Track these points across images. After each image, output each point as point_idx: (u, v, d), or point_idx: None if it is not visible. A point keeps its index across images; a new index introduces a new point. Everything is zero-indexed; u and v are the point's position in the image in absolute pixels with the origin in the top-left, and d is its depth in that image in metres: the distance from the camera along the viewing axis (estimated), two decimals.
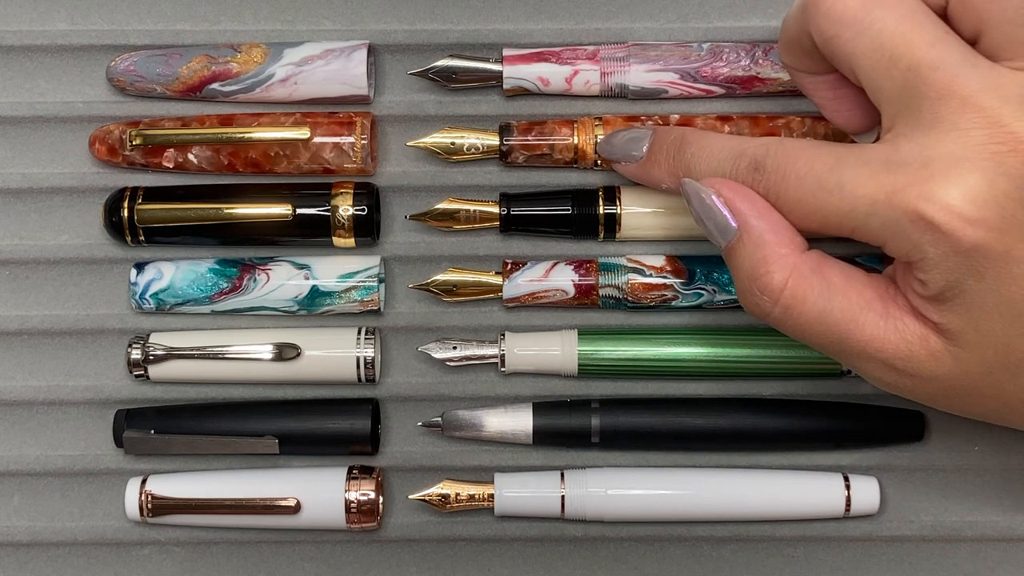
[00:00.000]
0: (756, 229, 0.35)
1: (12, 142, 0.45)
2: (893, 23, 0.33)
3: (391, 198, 0.44)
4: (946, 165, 0.32)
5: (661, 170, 0.39)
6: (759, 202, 0.35)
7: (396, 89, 0.44)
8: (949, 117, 0.32)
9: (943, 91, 0.32)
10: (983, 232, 0.31)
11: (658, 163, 0.39)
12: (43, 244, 0.44)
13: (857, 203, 0.33)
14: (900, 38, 0.33)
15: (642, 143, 0.40)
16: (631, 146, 0.40)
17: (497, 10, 0.44)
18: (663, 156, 0.39)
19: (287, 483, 0.43)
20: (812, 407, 0.43)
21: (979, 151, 0.32)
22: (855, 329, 0.34)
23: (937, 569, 0.44)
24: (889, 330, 0.34)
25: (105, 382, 0.44)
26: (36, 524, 0.44)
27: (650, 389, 0.44)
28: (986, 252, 0.32)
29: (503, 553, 0.44)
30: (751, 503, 0.43)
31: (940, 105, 0.32)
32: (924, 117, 0.33)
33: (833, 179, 0.33)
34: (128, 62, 0.44)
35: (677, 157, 0.38)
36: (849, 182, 0.33)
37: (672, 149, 0.39)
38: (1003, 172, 0.31)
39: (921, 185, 0.32)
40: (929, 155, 0.32)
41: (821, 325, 0.34)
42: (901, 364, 0.34)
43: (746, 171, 0.35)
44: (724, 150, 0.37)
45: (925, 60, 0.33)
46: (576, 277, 0.43)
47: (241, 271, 0.43)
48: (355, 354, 0.43)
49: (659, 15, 0.44)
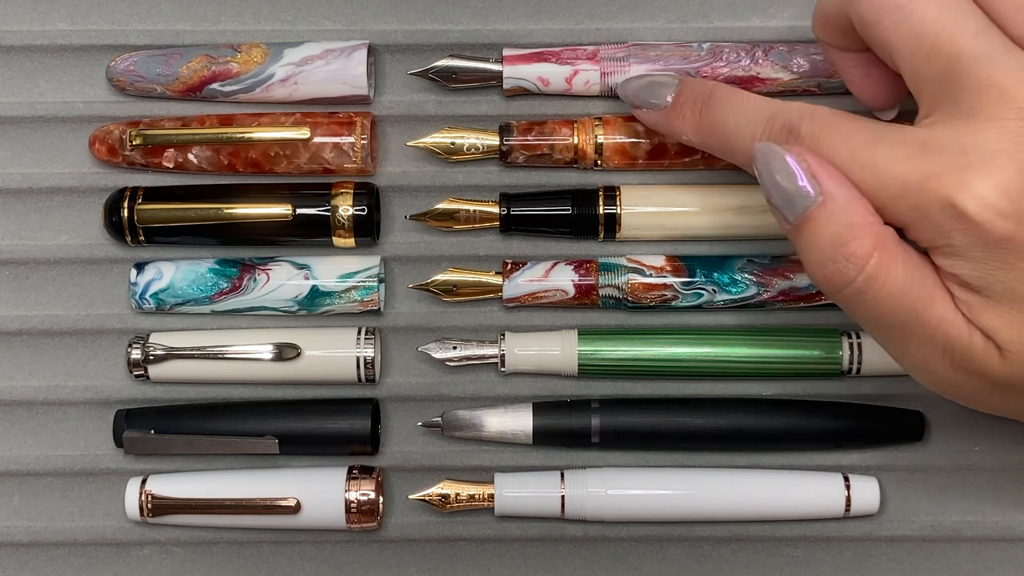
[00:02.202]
0: (843, 194, 0.33)
1: (12, 142, 0.45)
2: (936, 12, 0.33)
3: (391, 198, 0.44)
4: (982, 155, 0.32)
5: (685, 122, 0.38)
6: (837, 171, 0.34)
7: (396, 89, 0.44)
8: (988, 108, 0.32)
9: (983, 82, 0.32)
10: (1013, 225, 0.31)
11: (683, 114, 0.39)
12: (43, 244, 0.44)
13: (889, 182, 0.33)
14: (942, 28, 0.33)
15: (667, 91, 0.39)
16: (655, 92, 0.40)
17: (497, 10, 0.44)
18: (689, 108, 0.38)
19: (287, 483, 0.43)
20: (812, 407, 0.43)
21: (1017, 143, 0.32)
22: (930, 309, 0.33)
23: (937, 569, 0.44)
24: (958, 316, 0.33)
25: (105, 382, 0.44)
26: (36, 524, 0.44)
27: (650, 389, 0.44)
28: (1015, 245, 0.32)
29: (503, 553, 0.44)
30: (751, 503, 0.43)
31: (980, 96, 0.32)
32: (963, 106, 0.32)
33: (867, 154, 0.33)
34: (128, 62, 0.44)
35: (705, 111, 0.38)
36: (883, 160, 0.33)
37: (700, 102, 0.38)
38: None
39: (956, 173, 0.32)
40: (966, 144, 0.32)
41: (901, 300, 0.33)
42: (960, 354, 0.33)
43: (779, 134, 0.35)
44: (757, 109, 0.36)
45: (967, 50, 0.32)
46: (576, 277, 0.43)
47: (241, 271, 0.43)
48: (355, 354, 0.43)
49: (659, 15, 0.44)
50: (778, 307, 0.43)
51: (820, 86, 0.43)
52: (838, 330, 0.43)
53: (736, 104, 0.37)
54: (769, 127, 0.35)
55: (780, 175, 0.34)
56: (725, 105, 0.37)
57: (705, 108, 0.38)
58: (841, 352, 0.43)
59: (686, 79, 0.40)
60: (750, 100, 0.37)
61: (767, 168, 0.34)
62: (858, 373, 0.43)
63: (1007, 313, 0.32)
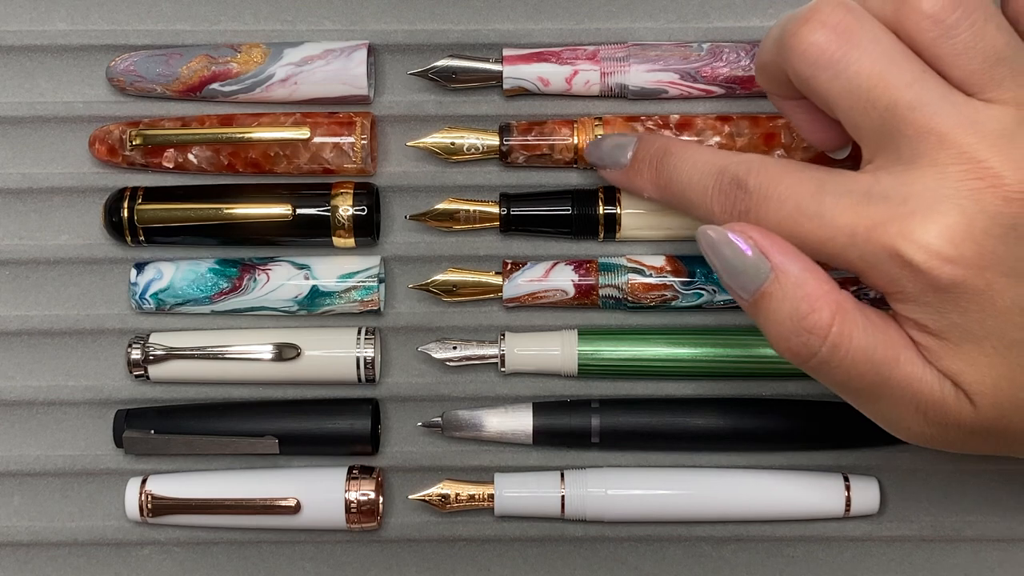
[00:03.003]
0: (794, 266, 0.33)
1: (12, 142, 0.45)
2: (869, 64, 0.33)
3: (391, 198, 0.44)
4: (925, 202, 0.32)
5: (643, 179, 0.39)
6: (786, 243, 0.34)
7: (396, 89, 0.44)
8: (928, 154, 0.32)
9: (921, 129, 0.32)
10: (961, 270, 0.31)
11: (640, 172, 0.39)
12: (43, 244, 0.44)
13: (836, 232, 0.33)
14: (877, 79, 0.33)
15: (627, 150, 0.40)
16: (616, 153, 0.40)
17: (497, 10, 0.44)
18: (646, 165, 0.39)
19: (287, 483, 0.43)
20: (812, 407, 0.43)
21: (957, 188, 0.32)
22: (896, 368, 0.33)
23: (937, 569, 0.44)
24: (927, 370, 0.33)
25: (105, 382, 0.44)
26: (36, 524, 0.44)
27: (650, 389, 0.44)
28: (965, 288, 0.32)
29: (503, 553, 0.44)
30: (751, 503, 0.43)
31: (918, 143, 0.32)
32: (903, 153, 0.33)
33: (814, 206, 0.33)
34: (128, 62, 0.44)
35: (659, 167, 0.38)
36: (829, 211, 0.33)
37: (655, 159, 0.38)
38: (981, 209, 0.31)
39: (900, 222, 0.32)
40: (908, 191, 0.32)
41: (866, 363, 0.33)
42: (932, 409, 0.33)
43: (728, 187, 0.35)
44: (706, 164, 0.36)
45: (903, 100, 0.32)
46: (576, 277, 0.43)
47: (241, 271, 0.43)
48: (355, 354, 0.43)
49: (659, 15, 0.44)
50: None
51: None
52: None
53: (687, 159, 0.37)
54: (719, 181, 0.35)
55: (729, 255, 0.34)
56: (678, 161, 0.37)
57: (660, 165, 0.38)
58: None
59: (644, 136, 0.40)
60: (701, 154, 0.37)
61: (714, 250, 0.34)
62: None
63: (967, 355, 0.33)
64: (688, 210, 0.37)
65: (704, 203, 0.36)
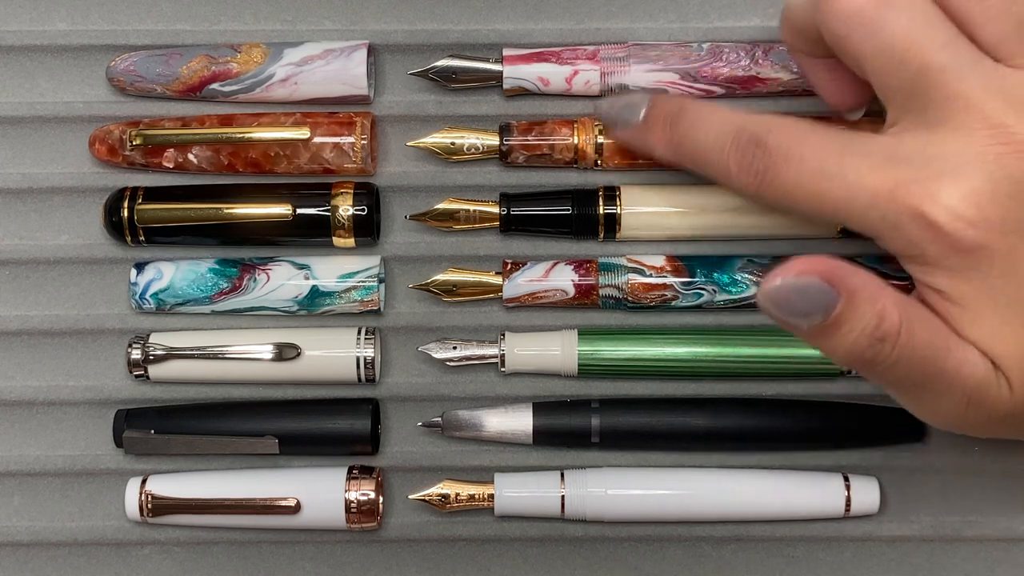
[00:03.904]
0: (864, 284, 0.32)
1: (12, 142, 0.45)
2: (904, 26, 0.33)
3: (391, 198, 0.44)
4: (950, 165, 0.32)
5: (656, 137, 0.39)
6: (840, 260, 0.32)
7: (396, 89, 0.44)
8: (954, 118, 0.32)
9: (950, 93, 0.32)
10: (984, 233, 0.31)
11: (653, 130, 0.39)
12: (43, 244, 0.44)
13: (859, 193, 0.33)
14: (911, 41, 0.33)
15: (640, 108, 0.39)
16: (628, 111, 0.40)
17: (497, 10, 0.44)
18: (660, 124, 0.39)
19: (287, 483, 0.43)
20: (812, 407, 0.43)
21: (983, 152, 0.32)
22: (949, 356, 0.33)
23: (937, 569, 0.44)
24: (971, 352, 0.33)
25: (105, 382, 0.44)
26: (36, 524, 0.44)
27: (650, 389, 0.44)
28: (988, 252, 0.32)
29: (503, 553, 0.44)
30: (751, 503, 0.43)
31: (946, 106, 0.32)
32: (930, 116, 0.33)
33: (836, 166, 0.33)
34: (128, 62, 0.44)
35: (674, 125, 0.38)
36: (852, 171, 0.33)
37: (669, 117, 0.38)
38: (1006, 174, 0.32)
39: (924, 183, 0.32)
40: (933, 153, 0.32)
41: (925, 356, 0.33)
42: (978, 394, 0.33)
43: (747, 146, 0.35)
44: (724, 122, 0.36)
45: (935, 63, 0.33)
46: (576, 277, 0.43)
47: (241, 271, 0.43)
48: (355, 354, 0.43)
49: (659, 15, 0.44)
50: None
51: None
52: None
53: (704, 118, 0.37)
54: (737, 139, 0.35)
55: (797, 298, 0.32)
56: (694, 119, 0.37)
57: (675, 123, 0.38)
58: None
59: (658, 95, 0.40)
60: (717, 113, 0.37)
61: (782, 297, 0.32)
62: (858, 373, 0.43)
63: (989, 324, 0.33)
64: (701, 169, 0.37)
65: (720, 162, 0.36)
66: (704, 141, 0.36)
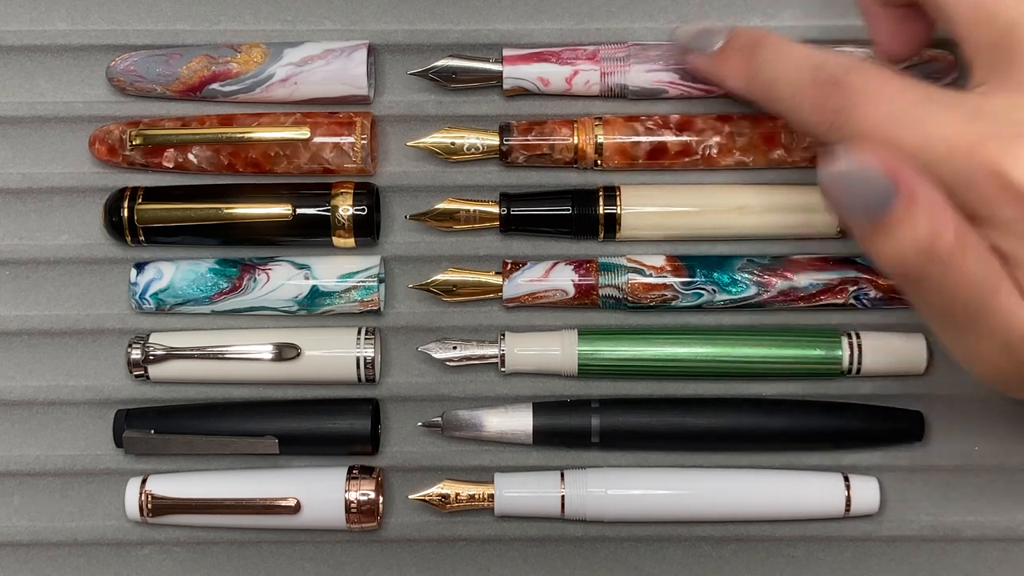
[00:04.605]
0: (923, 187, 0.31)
1: (12, 142, 0.45)
2: None
3: (391, 198, 0.44)
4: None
5: (731, 68, 0.38)
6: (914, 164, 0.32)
7: (396, 89, 0.44)
8: None
9: None
10: None
11: (729, 60, 0.38)
12: (43, 244, 0.44)
13: (935, 144, 0.32)
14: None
15: (718, 36, 0.39)
16: (705, 39, 0.39)
17: (497, 10, 0.44)
18: (736, 55, 0.38)
19: (287, 483, 0.43)
20: (812, 407, 0.43)
21: None
22: (996, 298, 0.32)
23: (937, 569, 0.44)
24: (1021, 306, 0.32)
25: (105, 382, 0.44)
26: (36, 524, 0.44)
27: (650, 389, 0.44)
28: None
29: (503, 553, 0.44)
30: (751, 503, 0.43)
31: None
32: (1016, 76, 0.32)
33: (917, 113, 0.32)
34: (128, 62, 0.44)
35: (751, 57, 0.37)
36: (932, 120, 0.32)
37: (748, 48, 0.38)
38: None
39: (1007, 142, 0.31)
40: (1019, 115, 0.32)
41: (972, 289, 0.32)
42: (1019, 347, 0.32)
43: (825, 84, 0.34)
44: (804, 58, 0.35)
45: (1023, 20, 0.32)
46: (576, 277, 0.43)
47: (241, 271, 0.43)
48: (355, 354, 0.43)
49: (659, 15, 0.44)
50: (778, 307, 0.43)
51: None
52: (838, 330, 0.43)
53: (783, 53, 0.36)
54: (816, 76, 0.35)
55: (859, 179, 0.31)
56: (772, 54, 0.37)
57: (752, 56, 0.37)
58: (841, 352, 0.43)
59: (739, 27, 0.39)
60: (797, 49, 0.36)
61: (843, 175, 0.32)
62: (858, 373, 0.43)
63: None
64: (773, 105, 0.37)
65: (795, 98, 0.35)
66: (781, 76, 0.36)
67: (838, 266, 0.43)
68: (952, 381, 0.43)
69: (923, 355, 0.43)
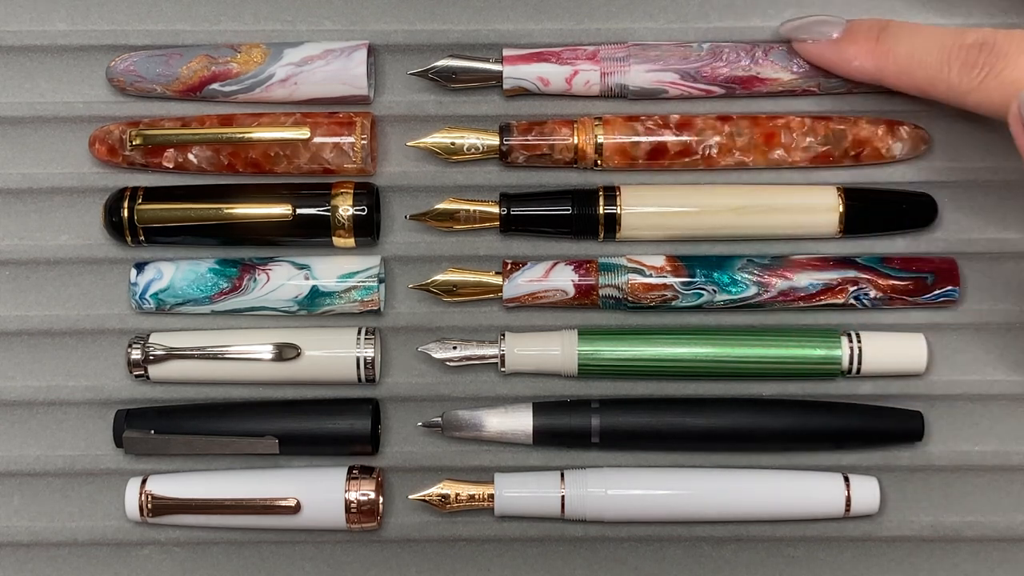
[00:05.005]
0: None
1: (12, 142, 0.45)
2: None
3: (391, 198, 0.44)
4: None
5: (859, 47, 0.40)
6: None
7: (396, 89, 0.44)
8: None
9: None
10: None
11: (856, 42, 0.40)
12: (43, 244, 0.44)
13: None
14: None
15: (834, 28, 0.41)
16: (824, 26, 0.41)
17: (497, 10, 0.44)
18: (863, 35, 0.40)
19: (287, 483, 0.43)
20: (812, 407, 0.43)
21: None
22: None
23: (937, 569, 0.44)
24: None
25: (105, 382, 0.44)
26: (36, 524, 0.44)
27: (650, 389, 0.44)
28: None
29: (503, 553, 0.44)
30: (751, 503, 0.43)
31: None
32: None
33: None
34: (128, 62, 0.44)
35: (883, 36, 0.39)
36: None
37: (875, 29, 0.40)
38: None
39: None
40: None
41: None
42: None
43: (971, 47, 0.36)
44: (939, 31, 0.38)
45: None
46: (576, 277, 0.43)
47: (241, 271, 0.43)
48: (355, 354, 0.43)
49: (659, 15, 0.44)
50: (778, 307, 0.43)
51: (820, 86, 0.43)
52: (838, 330, 0.43)
53: (914, 29, 0.39)
54: (959, 41, 0.37)
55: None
56: (903, 29, 0.39)
57: (883, 34, 0.39)
58: (841, 352, 0.43)
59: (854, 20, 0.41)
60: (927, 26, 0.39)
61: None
62: (858, 373, 0.43)
63: None
64: (914, 72, 0.38)
65: (940, 64, 0.37)
66: (921, 47, 0.38)
67: (838, 266, 0.43)
68: (952, 381, 0.43)
69: (923, 355, 0.43)
